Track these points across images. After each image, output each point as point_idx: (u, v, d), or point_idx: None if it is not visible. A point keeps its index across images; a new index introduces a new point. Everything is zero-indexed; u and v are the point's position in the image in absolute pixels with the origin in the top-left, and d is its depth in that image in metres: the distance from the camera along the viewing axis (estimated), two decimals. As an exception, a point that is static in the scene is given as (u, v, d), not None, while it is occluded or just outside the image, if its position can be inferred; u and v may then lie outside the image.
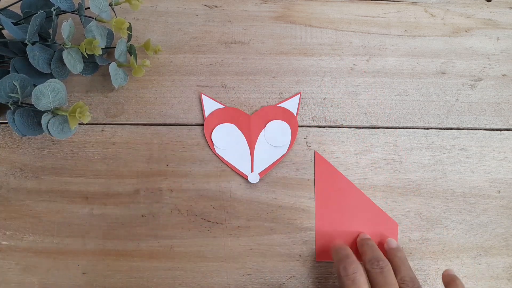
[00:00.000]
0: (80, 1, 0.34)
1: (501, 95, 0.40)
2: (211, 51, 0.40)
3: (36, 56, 0.33)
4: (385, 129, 0.39)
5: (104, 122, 0.38)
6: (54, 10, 0.33)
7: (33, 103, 0.31)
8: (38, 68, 0.33)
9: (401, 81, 0.40)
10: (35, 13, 0.32)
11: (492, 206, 0.38)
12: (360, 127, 0.39)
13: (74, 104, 0.31)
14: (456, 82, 0.40)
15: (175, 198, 0.37)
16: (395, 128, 0.39)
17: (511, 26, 0.43)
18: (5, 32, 0.36)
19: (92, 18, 0.35)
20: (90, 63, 0.38)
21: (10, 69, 0.34)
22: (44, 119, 0.32)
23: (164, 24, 0.41)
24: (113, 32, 0.34)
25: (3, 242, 0.35)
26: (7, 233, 0.36)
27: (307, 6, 0.42)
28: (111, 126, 0.38)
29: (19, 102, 0.33)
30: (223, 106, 0.39)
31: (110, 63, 0.36)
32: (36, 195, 0.36)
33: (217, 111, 0.38)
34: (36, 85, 0.31)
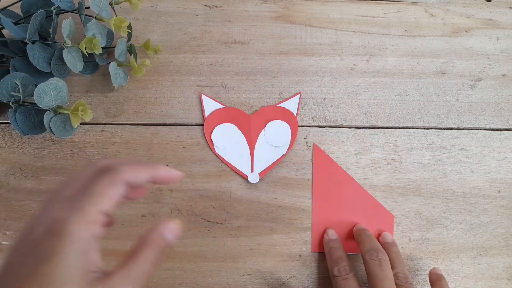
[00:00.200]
0: (80, 0, 0.34)
1: (501, 95, 0.40)
2: (211, 51, 0.40)
3: (36, 55, 0.33)
4: (385, 129, 0.39)
5: (104, 122, 0.38)
6: (54, 9, 0.33)
7: (35, 102, 0.31)
8: (38, 67, 0.33)
9: (401, 81, 0.40)
10: (35, 12, 0.32)
11: (492, 206, 0.38)
12: (360, 127, 0.39)
13: (76, 102, 0.31)
14: (456, 82, 0.40)
15: (175, 198, 0.37)
16: (395, 128, 0.39)
17: (511, 26, 0.43)
18: (5, 31, 0.36)
19: (92, 17, 0.35)
20: (90, 62, 0.38)
21: (10, 68, 0.34)
22: (46, 117, 0.32)
23: (164, 24, 0.41)
24: (113, 31, 0.34)
25: (3, 242, 0.35)
26: (7, 233, 0.35)
27: (307, 6, 0.42)
28: (111, 126, 0.38)
29: (21, 101, 0.33)
30: (223, 106, 0.39)
31: (110, 62, 0.36)
32: (36, 195, 0.36)
33: (217, 111, 0.38)
34: (37, 85, 0.31)
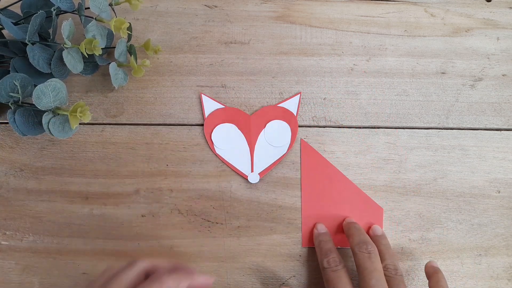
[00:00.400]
0: (80, 1, 0.34)
1: (501, 95, 0.40)
2: (211, 51, 0.40)
3: (36, 56, 0.33)
4: (385, 129, 0.39)
5: (104, 122, 0.38)
6: (54, 10, 0.33)
7: (34, 103, 0.31)
8: (38, 68, 0.33)
9: (401, 81, 0.40)
10: (35, 13, 0.32)
11: (492, 206, 0.38)
12: (360, 127, 0.39)
13: (75, 103, 0.31)
14: (456, 82, 0.40)
15: (175, 198, 0.37)
16: (395, 128, 0.39)
17: (511, 26, 0.43)
18: (5, 32, 0.36)
19: (92, 18, 0.35)
20: (90, 63, 0.38)
21: (10, 69, 0.34)
22: (45, 118, 0.32)
23: (164, 24, 0.41)
24: (113, 32, 0.34)
25: (3, 242, 0.35)
26: (7, 233, 0.36)
27: (307, 6, 0.42)
28: (111, 126, 0.38)
29: (20, 102, 0.33)
30: (223, 106, 0.39)
31: (110, 63, 0.36)
32: (36, 195, 0.36)
33: (217, 111, 0.38)
34: (37, 85, 0.31)
